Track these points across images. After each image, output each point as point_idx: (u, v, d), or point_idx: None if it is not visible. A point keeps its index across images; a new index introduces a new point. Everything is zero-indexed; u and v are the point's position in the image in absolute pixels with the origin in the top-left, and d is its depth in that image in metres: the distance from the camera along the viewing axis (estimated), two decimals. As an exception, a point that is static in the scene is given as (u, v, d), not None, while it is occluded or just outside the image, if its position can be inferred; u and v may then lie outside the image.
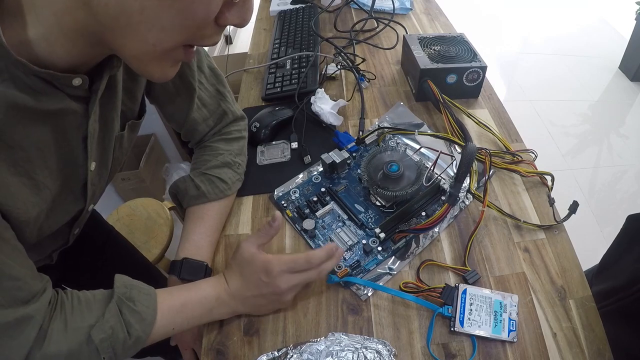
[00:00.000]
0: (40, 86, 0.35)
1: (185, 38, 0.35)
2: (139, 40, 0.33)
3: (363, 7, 1.09)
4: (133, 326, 0.43)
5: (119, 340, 0.42)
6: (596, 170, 1.89)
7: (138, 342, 0.44)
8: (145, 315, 0.45)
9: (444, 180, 0.62)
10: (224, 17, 0.35)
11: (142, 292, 0.46)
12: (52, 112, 0.37)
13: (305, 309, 0.52)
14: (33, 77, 0.34)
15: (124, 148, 0.54)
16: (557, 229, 0.59)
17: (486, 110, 0.79)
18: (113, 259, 0.85)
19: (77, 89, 0.38)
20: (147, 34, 0.33)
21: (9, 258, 0.37)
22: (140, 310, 0.44)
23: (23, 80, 0.33)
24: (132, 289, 0.46)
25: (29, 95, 0.34)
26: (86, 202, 0.49)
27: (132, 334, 0.43)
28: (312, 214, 0.61)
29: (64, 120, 0.39)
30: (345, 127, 0.77)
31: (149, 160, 1.56)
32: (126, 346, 0.43)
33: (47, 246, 0.54)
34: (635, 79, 2.38)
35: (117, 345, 0.42)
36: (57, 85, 0.36)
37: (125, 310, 0.44)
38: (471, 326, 0.48)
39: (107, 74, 0.42)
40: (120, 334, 0.42)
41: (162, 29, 0.33)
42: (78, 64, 0.37)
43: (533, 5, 3.16)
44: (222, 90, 0.64)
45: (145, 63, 0.36)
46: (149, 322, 0.45)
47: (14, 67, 0.32)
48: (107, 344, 0.42)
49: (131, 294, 0.45)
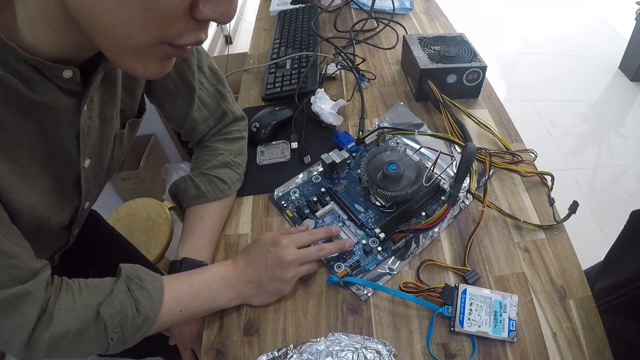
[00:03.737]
0: (31, 75, 0.35)
1: (158, 33, 0.32)
2: (106, 33, 0.32)
3: (363, 7, 1.09)
4: (141, 303, 0.44)
5: (128, 317, 0.42)
6: (596, 170, 1.89)
7: (147, 321, 0.44)
8: (153, 293, 0.45)
9: (444, 180, 0.62)
10: (198, 10, 0.32)
11: (149, 274, 0.47)
12: (42, 103, 0.37)
13: (305, 309, 0.52)
14: (23, 64, 0.34)
15: (124, 147, 0.54)
16: (557, 229, 0.59)
17: (486, 110, 0.79)
18: (114, 259, 0.85)
19: (68, 82, 0.38)
20: (112, 27, 0.31)
21: (4, 236, 0.36)
22: (148, 287, 0.45)
23: (14, 67, 0.34)
24: (138, 269, 0.47)
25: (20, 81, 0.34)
26: (81, 198, 0.49)
27: (140, 311, 0.43)
28: (312, 214, 0.61)
29: (52, 114, 0.39)
30: (345, 127, 0.77)
31: (149, 160, 1.56)
32: (135, 325, 0.43)
33: (48, 247, 0.54)
34: (635, 79, 2.38)
35: (126, 324, 0.42)
36: (47, 75, 0.36)
37: (134, 287, 0.44)
38: (471, 326, 0.48)
39: (102, 69, 0.41)
40: (129, 311, 0.43)
41: (127, 21, 0.31)
42: (66, 57, 0.37)
43: (533, 5, 3.16)
44: (222, 91, 0.64)
45: (122, 58, 0.35)
46: (157, 300, 0.45)
47: (4, 52, 0.32)
48: (116, 320, 0.42)
49: (138, 273, 0.46)
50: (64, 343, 0.40)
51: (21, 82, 0.35)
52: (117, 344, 0.43)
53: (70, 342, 0.40)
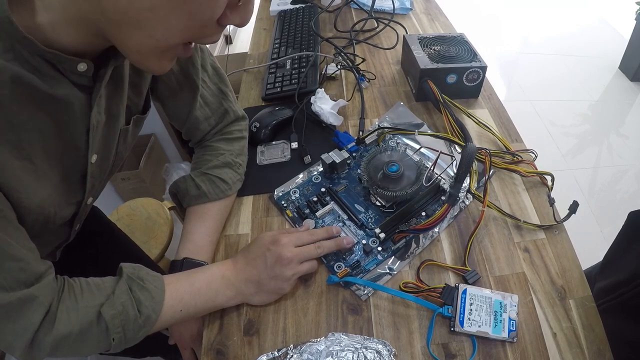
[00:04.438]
0: (45, 69, 0.36)
1: (189, 36, 0.37)
2: (145, 35, 0.34)
3: (363, 7, 1.09)
4: (143, 303, 0.44)
5: (130, 317, 0.43)
6: (596, 170, 1.89)
7: (148, 322, 0.44)
8: (155, 293, 0.45)
9: (444, 180, 0.62)
10: (226, 17, 0.37)
11: (150, 274, 0.47)
12: (56, 97, 0.38)
13: (305, 309, 0.52)
14: (38, 59, 0.34)
15: (128, 143, 0.54)
16: (557, 229, 0.59)
17: (486, 110, 0.79)
18: (116, 256, 0.85)
19: (81, 76, 0.39)
20: (153, 31, 0.34)
21: (12, 238, 0.36)
22: (149, 287, 0.45)
23: (29, 61, 0.34)
24: (140, 269, 0.47)
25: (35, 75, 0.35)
26: (85, 194, 0.49)
27: (142, 312, 0.44)
28: (312, 214, 0.61)
29: (67, 109, 0.40)
30: (345, 127, 0.77)
31: (149, 160, 1.56)
32: (136, 325, 0.43)
33: (50, 242, 0.54)
34: (635, 79, 2.38)
35: (127, 324, 0.42)
36: (61, 70, 0.37)
37: (135, 287, 0.44)
38: (471, 326, 0.48)
39: (113, 63, 0.42)
40: (130, 311, 0.43)
41: (169, 27, 0.34)
42: (81, 52, 0.38)
43: (533, 5, 3.16)
44: (224, 90, 0.64)
45: (146, 57, 0.38)
46: (159, 300, 0.45)
47: (20, 46, 0.33)
48: (117, 321, 0.42)
49: (140, 273, 0.46)
50: (67, 344, 0.40)
51: (36, 76, 0.35)
52: (119, 343, 0.43)
53: (72, 342, 0.40)
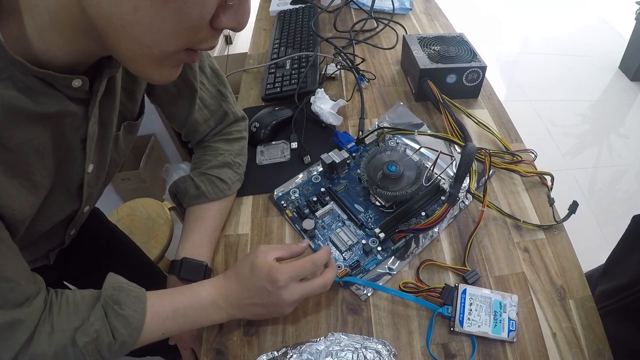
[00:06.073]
0: (39, 87, 0.34)
1: (184, 41, 0.34)
2: (133, 41, 0.33)
3: (363, 7, 1.09)
4: (119, 330, 0.42)
5: (104, 344, 0.41)
6: (596, 170, 1.89)
7: (124, 346, 0.43)
8: (132, 319, 0.43)
9: (444, 180, 0.62)
10: (219, 20, 0.34)
11: (131, 295, 0.44)
12: (51, 114, 0.37)
13: (305, 309, 0.52)
14: (31, 77, 0.33)
15: (121, 149, 0.53)
16: (556, 229, 0.59)
17: (486, 110, 0.79)
18: (116, 257, 0.85)
19: (77, 90, 0.38)
20: (141, 36, 0.32)
21: (4, 259, 0.36)
22: (127, 314, 0.43)
23: (22, 80, 0.33)
24: (120, 291, 0.44)
25: (27, 96, 0.34)
26: (81, 203, 0.48)
27: (117, 338, 0.42)
28: (311, 214, 0.61)
29: (63, 122, 0.39)
30: (345, 127, 0.77)
31: (149, 160, 1.56)
32: (112, 350, 0.42)
33: (41, 246, 0.53)
34: (635, 79, 2.38)
35: (102, 349, 0.41)
36: (56, 86, 0.36)
37: (111, 313, 0.42)
38: (471, 326, 0.48)
39: (107, 74, 0.41)
40: (105, 338, 0.41)
41: (158, 30, 0.32)
42: (75, 63, 0.37)
43: (533, 5, 3.16)
44: (223, 91, 0.64)
45: (142, 65, 0.36)
46: (136, 326, 0.43)
47: (12, 67, 0.32)
48: (90, 347, 0.41)
49: (119, 296, 0.43)
50: None
51: (29, 97, 0.34)
52: None
53: None
